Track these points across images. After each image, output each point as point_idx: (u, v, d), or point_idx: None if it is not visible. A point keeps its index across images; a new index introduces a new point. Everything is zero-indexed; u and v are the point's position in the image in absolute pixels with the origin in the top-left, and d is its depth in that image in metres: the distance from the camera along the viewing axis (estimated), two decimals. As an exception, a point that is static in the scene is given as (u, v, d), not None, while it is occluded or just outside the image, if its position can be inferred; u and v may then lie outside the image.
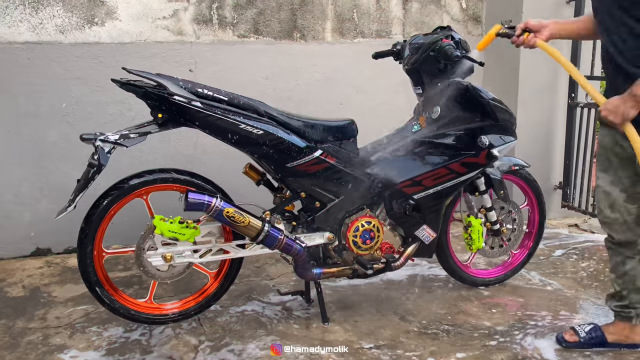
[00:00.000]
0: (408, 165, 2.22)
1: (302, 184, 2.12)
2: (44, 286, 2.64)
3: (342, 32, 3.39)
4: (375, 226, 2.21)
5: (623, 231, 1.90)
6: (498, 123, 2.27)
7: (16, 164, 2.91)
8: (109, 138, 1.85)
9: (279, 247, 2.06)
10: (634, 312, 1.99)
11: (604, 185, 1.90)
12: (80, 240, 1.98)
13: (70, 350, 2.06)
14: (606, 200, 1.90)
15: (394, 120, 2.48)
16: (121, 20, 2.98)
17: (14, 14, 2.81)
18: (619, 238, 1.92)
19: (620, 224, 1.90)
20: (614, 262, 1.99)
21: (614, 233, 1.93)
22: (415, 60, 2.22)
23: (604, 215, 1.93)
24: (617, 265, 1.98)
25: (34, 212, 2.97)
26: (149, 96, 1.87)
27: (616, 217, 1.89)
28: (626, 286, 1.97)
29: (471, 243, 2.43)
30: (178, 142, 3.10)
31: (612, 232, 1.94)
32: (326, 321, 2.24)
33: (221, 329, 2.21)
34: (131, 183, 2.00)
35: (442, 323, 2.26)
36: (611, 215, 1.90)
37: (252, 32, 3.22)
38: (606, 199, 1.90)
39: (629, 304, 1.98)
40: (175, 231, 1.98)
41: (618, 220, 1.89)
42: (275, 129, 2.00)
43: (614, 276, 2.00)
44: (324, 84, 3.35)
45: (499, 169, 2.43)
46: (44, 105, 2.90)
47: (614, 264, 1.99)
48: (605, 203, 1.90)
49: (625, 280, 1.96)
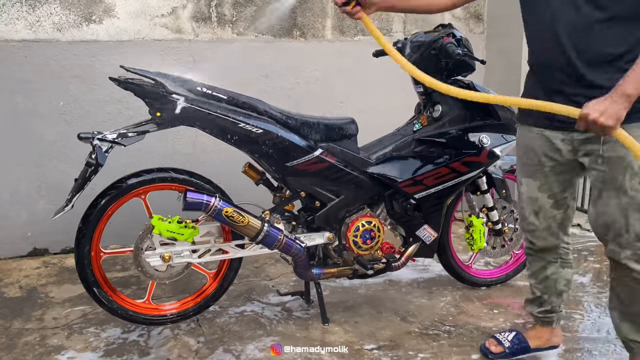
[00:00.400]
0: (409, 165, 2.21)
1: (302, 184, 2.11)
2: (41, 287, 2.63)
3: (342, 29, 3.38)
4: (376, 226, 2.19)
5: (545, 237, 1.85)
6: (500, 122, 2.25)
7: (13, 163, 2.89)
8: (106, 137, 1.84)
9: (279, 247, 2.05)
10: (555, 316, 1.97)
11: (530, 192, 1.80)
12: (77, 240, 1.97)
13: (68, 352, 2.04)
14: (531, 207, 1.82)
15: (395, 119, 2.46)
16: (119, 18, 2.96)
17: (11, 11, 2.79)
18: (541, 245, 1.87)
19: (543, 230, 1.83)
20: (535, 268, 1.94)
21: (536, 240, 1.87)
22: (417, 58, 2.20)
23: (527, 222, 1.85)
24: (537, 271, 1.93)
25: (31, 211, 2.95)
26: (147, 95, 1.86)
27: (540, 223, 1.83)
28: (547, 291, 1.93)
29: (473, 243, 2.41)
30: (176, 141, 3.08)
31: (534, 239, 1.87)
32: (326, 322, 2.23)
33: (220, 329, 2.20)
34: (129, 182, 1.99)
35: (443, 324, 2.25)
36: (535, 222, 1.83)
37: (252, 29, 3.20)
38: (531, 206, 1.82)
39: (550, 308, 1.95)
40: (174, 231, 1.96)
41: (542, 227, 1.83)
42: (274, 127, 1.99)
43: (533, 282, 1.96)
44: (324, 83, 3.33)
45: (500, 168, 2.42)
46: (41, 103, 2.88)
47: (535, 270, 1.94)
48: (530, 210, 1.82)
49: (546, 285, 1.93)
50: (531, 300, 2.00)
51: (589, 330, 2.20)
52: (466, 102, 2.21)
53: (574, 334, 2.17)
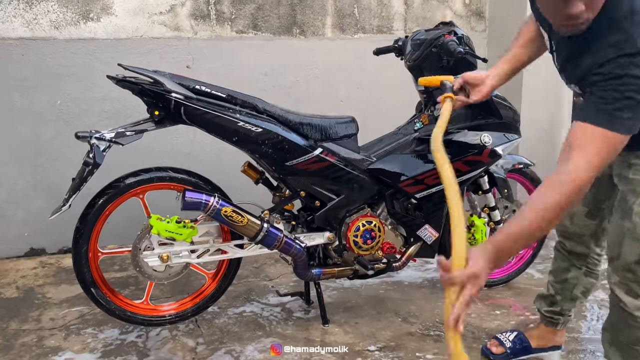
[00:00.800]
0: (410, 164, 2.19)
1: (302, 183, 2.09)
2: (38, 287, 2.61)
3: (342, 27, 3.36)
4: (377, 226, 2.17)
5: (577, 243, 1.83)
6: (502, 120, 2.23)
7: (10, 162, 2.87)
8: (104, 136, 1.83)
9: (278, 247, 2.03)
10: (562, 319, 1.95)
11: None
12: (75, 240, 1.96)
13: (65, 353, 2.03)
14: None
15: (396, 118, 2.44)
16: (117, 16, 2.94)
17: (8, 9, 2.77)
18: (572, 248, 1.85)
19: (573, 234, 1.82)
20: (558, 266, 1.91)
21: (568, 242, 1.85)
22: (417, 56, 2.18)
23: (562, 224, 1.84)
24: (559, 271, 1.91)
25: (27, 211, 2.93)
26: (146, 93, 1.84)
27: (574, 230, 1.81)
28: (562, 292, 1.90)
29: (474, 243, 2.39)
30: (175, 140, 3.06)
31: (566, 241, 1.86)
32: (326, 323, 2.21)
33: (219, 330, 2.18)
34: (127, 182, 1.98)
35: (444, 324, 2.22)
36: (567, 224, 1.82)
37: (251, 27, 3.18)
38: None
39: (560, 310, 1.93)
40: (172, 231, 1.95)
41: (572, 230, 1.81)
42: (274, 126, 1.97)
43: (552, 279, 1.94)
44: (324, 81, 3.31)
45: (502, 168, 2.40)
46: (39, 102, 2.86)
47: (557, 268, 1.92)
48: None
49: (563, 287, 1.90)
50: (543, 296, 1.98)
51: (592, 332, 2.18)
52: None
53: (577, 335, 2.15)
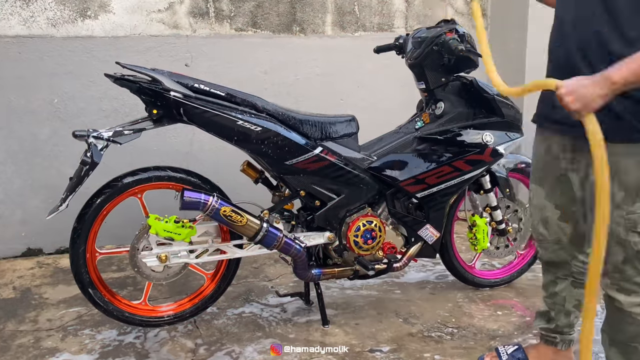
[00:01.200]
0: (411, 163, 2.18)
1: (302, 182, 2.07)
2: (35, 287, 2.59)
3: (342, 25, 3.34)
4: (377, 226, 2.16)
5: (555, 250, 1.75)
6: (504, 119, 2.22)
7: (6, 161, 2.85)
8: (102, 135, 1.82)
9: (278, 247, 2.02)
10: (559, 337, 1.83)
11: (537, 199, 1.70)
12: (72, 240, 1.95)
13: (62, 354, 2.01)
14: (539, 215, 1.72)
15: (396, 117, 2.43)
16: (115, 14, 2.92)
17: (5, 6, 2.76)
18: (550, 257, 1.77)
19: (552, 242, 1.74)
20: (545, 280, 1.84)
21: (544, 252, 1.78)
22: (419, 54, 2.18)
23: (537, 232, 1.75)
24: (547, 284, 1.83)
25: (24, 211, 2.91)
26: (144, 91, 1.83)
27: (549, 235, 1.73)
28: (554, 307, 1.83)
29: (476, 243, 2.38)
30: (173, 139, 3.04)
31: (541, 249, 1.79)
32: (326, 324, 2.19)
33: (218, 331, 2.17)
34: (125, 181, 1.96)
35: (446, 326, 2.21)
36: (544, 233, 1.72)
37: (250, 25, 3.16)
38: (539, 214, 1.72)
39: (555, 327, 1.84)
40: (171, 231, 1.94)
41: (550, 239, 1.73)
42: (274, 125, 1.96)
43: (544, 294, 1.86)
44: (324, 79, 3.29)
45: (504, 167, 2.39)
46: (36, 100, 2.84)
47: (545, 283, 1.85)
48: (538, 218, 1.72)
49: (555, 301, 1.82)
50: (541, 313, 1.90)
51: (595, 333, 2.16)
52: (469, 100, 2.20)
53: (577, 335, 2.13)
